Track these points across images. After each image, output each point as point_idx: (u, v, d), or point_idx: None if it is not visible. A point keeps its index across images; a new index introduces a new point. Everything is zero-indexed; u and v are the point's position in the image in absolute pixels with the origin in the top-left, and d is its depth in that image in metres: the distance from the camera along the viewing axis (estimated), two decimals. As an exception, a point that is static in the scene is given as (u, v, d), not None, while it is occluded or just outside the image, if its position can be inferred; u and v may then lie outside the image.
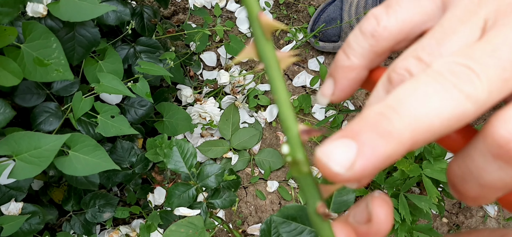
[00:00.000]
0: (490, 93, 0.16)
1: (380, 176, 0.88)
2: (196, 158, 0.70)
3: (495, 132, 0.16)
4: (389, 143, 0.16)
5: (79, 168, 0.67)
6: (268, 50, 0.18)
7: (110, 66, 0.77)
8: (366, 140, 0.16)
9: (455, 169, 0.19)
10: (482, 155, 0.17)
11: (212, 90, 1.09)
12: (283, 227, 0.62)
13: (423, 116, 0.16)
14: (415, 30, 0.23)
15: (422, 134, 0.16)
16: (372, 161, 0.16)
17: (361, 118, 0.17)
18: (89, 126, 0.75)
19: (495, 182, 0.17)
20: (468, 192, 0.19)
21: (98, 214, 0.87)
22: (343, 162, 0.16)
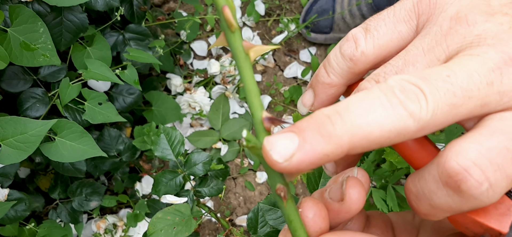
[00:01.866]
0: (434, 115, 0.17)
1: (368, 167, 0.89)
2: (184, 145, 0.70)
3: (447, 162, 0.17)
4: (328, 144, 0.17)
5: (66, 154, 0.67)
6: (234, 41, 0.19)
7: (98, 53, 0.77)
8: (308, 137, 0.17)
9: (411, 187, 0.20)
10: (434, 180, 0.18)
11: (202, 79, 1.08)
12: (269, 214, 0.63)
13: (364, 125, 0.17)
14: (391, 54, 0.24)
15: (360, 141, 0.17)
16: (309, 157, 0.17)
17: (309, 117, 0.18)
18: (76, 112, 0.74)
19: (443, 206, 0.19)
20: (420, 209, 0.20)
21: (85, 203, 0.86)
22: (283, 153, 0.17)
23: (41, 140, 0.61)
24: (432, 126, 0.18)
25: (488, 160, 0.17)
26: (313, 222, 0.21)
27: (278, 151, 0.17)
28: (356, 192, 0.21)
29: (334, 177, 0.24)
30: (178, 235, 0.71)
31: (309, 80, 1.12)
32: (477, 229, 0.20)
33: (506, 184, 0.17)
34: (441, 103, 0.17)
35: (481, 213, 0.20)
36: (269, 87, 1.12)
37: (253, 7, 1.12)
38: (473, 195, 0.17)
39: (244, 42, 0.20)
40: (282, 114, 1.11)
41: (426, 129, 0.18)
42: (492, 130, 0.18)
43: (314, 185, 0.59)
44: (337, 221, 0.22)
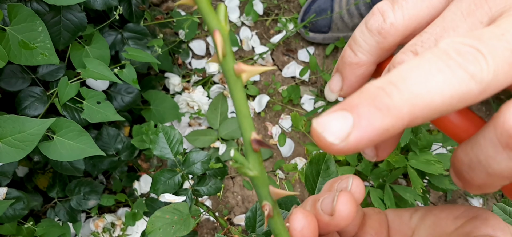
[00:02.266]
0: (495, 76, 0.16)
1: (366, 167, 0.89)
2: (183, 144, 0.70)
3: (506, 122, 0.16)
4: (386, 117, 0.16)
5: (64, 153, 0.67)
6: (225, 64, 0.19)
7: (96, 52, 0.77)
8: (363, 112, 0.16)
9: (462, 157, 0.19)
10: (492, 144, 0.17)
11: (200, 79, 1.08)
12: (268, 214, 0.63)
13: (424, 93, 0.16)
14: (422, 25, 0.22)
15: (422, 110, 0.16)
16: (367, 133, 0.16)
17: (360, 92, 0.17)
18: (74, 111, 0.74)
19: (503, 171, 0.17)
20: (474, 180, 0.19)
21: (83, 201, 0.86)
22: (338, 133, 0.16)
23: (39, 139, 0.61)
24: (494, 88, 0.17)
25: None
26: (301, 235, 0.21)
27: (332, 132, 0.16)
28: (346, 208, 0.21)
29: (330, 183, 0.24)
30: (176, 233, 0.71)
31: (307, 80, 1.13)
32: None
33: None
34: (501, 62, 0.16)
35: None
36: (267, 87, 1.13)
37: (252, 6, 1.12)
38: None
39: (235, 65, 0.20)
40: (280, 113, 1.12)
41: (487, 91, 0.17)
42: None
43: (312, 184, 0.60)
44: (327, 231, 0.22)
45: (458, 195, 1.08)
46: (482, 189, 0.19)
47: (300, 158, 1.08)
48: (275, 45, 1.13)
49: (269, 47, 1.12)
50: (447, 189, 0.85)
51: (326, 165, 0.61)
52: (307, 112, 1.10)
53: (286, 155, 1.09)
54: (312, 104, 1.11)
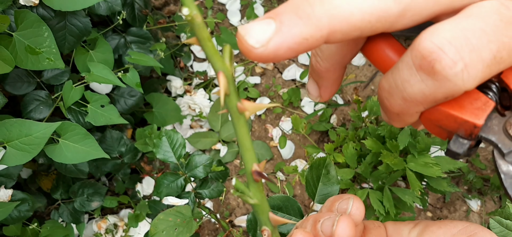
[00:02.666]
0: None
1: (365, 169, 0.90)
2: (185, 148, 0.71)
3: (420, 43, 0.16)
4: (306, 26, 0.16)
5: (69, 156, 0.68)
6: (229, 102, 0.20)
7: (100, 56, 0.78)
8: (285, 20, 0.16)
9: (384, 83, 0.19)
10: (408, 67, 0.17)
11: (202, 81, 1.09)
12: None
13: (344, 6, 0.16)
14: None
15: (341, 23, 0.17)
16: (287, 40, 0.16)
17: (286, 2, 0.17)
18: (79, 115, 0.75)
19: (416, 95, 0.18)
20: (393, 107, 0.19)
21: (87, 203, 0.87)
22: (259, 38, 0.16)
23: (45, 142, 0.63)
24: (413, 12, 0.17)
25: (463, 39, 0.16)
26: None
27: (253, 35, 0.16)
28: (345, 233, 0.21)
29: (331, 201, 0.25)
30: (179, 236, 0.72)
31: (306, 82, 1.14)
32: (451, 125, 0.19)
33: (481, 67, 0.16)
34: None
35: (456, 106, 0.19)
36: (268, 89, 1.14)
37: (253, 10, 1.13)
38: (447, 76, 0.16)
39: (239, 103, 0.20)
40: (281, 116, 1.13)
41: (407, 13, 0.17)
42: (468, 14, 0.17)
43: (313, 189, 0.61)
44: None
45: (457, 197, 1.09)
46: (401, 117, 0.19)
47: (300, 160, 1.09)
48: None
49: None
50: (445, 191, 0.86)
51: (326, 170, 0.62)
52: (308, 114, 1.11)
53: (287, 157, 1.10)
54: (313, 106, 1.12)
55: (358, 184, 1.00)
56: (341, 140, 1.00)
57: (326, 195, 0.61)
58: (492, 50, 0.16)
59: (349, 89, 1.14)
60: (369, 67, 1.17)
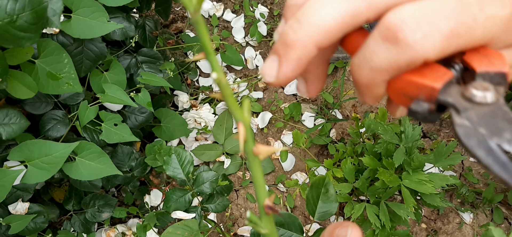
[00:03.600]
0: None
1: (363, 184, 0.95)
2: (193, 165, 0.76)
3: (386, 18, 0.19)
4: (297, 50, 0.21)
5: (85, 173, 0.72)
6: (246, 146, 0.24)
7: (114, 77, 0.82)
8: (281, 53, 0.21)
9: (355, 60, 0.21)
10: (375, 40, 0.20)
11: (207, 97, 1.14)
12: (272, 232, 0.68)
13: (318, 21, 0.20)
14: None
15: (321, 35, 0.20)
16: (289, 67, 0.21)
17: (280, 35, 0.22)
18: (93, 133, 0.80)
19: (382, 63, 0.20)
20: (362, 78, 0.21)
21: (97, 214, 0.92)
22: (271, 74, 0.22)
23: (64, 161, 0.67)
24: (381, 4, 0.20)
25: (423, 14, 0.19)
26: None
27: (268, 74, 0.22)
28: None
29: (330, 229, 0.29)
30: (187, 248, 0.76)
31: (307, 97, 1.19)
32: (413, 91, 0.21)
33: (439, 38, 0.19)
34: None
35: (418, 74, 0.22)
36: (270, 104, 1.18)
37: (256, 28, 1.18)
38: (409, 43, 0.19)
39: (254, 148, 0.24)
40: (282, 129, 1.17)
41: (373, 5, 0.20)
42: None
43: (313, 206, 0.65)
44: None
45: (450, 209, 1.14)
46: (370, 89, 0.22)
47: (301, 173, 1.14)
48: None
49: (272, 66, 1.18)
50: (439, 206, 0.91)
51: (326, 189, 0.67)
52: (308, 129, 1.16)
53: (288, 169, 1.15)
54: (313, 121, 1.17)
55: (355, 197, 1.05)
56: (340, 155, 1.05)
57: (325, 213, 0.66)
58: (449, 25, 0.19)
59: (348, 104, 1.19)
60: (368, 83, 1.21)
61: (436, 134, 1.17)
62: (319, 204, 0.65)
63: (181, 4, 1.20)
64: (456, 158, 0.90)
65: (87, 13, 0.66)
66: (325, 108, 1.17)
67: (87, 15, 0.67)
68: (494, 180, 1.15)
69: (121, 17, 0.76)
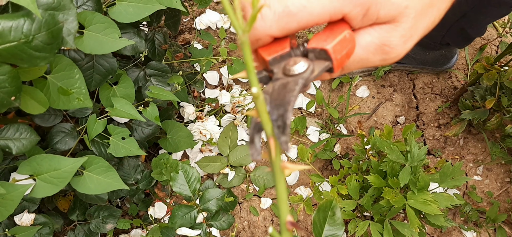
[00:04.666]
0: None
1: (367, 202, 0.95)
2: (200, 182, 0.76)
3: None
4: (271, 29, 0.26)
5: (92, 187, 0.73)
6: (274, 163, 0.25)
7: (123, 91, 0.83)
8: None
9: None
10: None
11: (213, 109, 1.14)
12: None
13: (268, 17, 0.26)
14: None
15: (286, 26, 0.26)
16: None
17: None
18: (101, 146, 0.80)
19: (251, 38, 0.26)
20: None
21: (102, 225, 0.92)
22: None
23: (72, 176, 0.67)
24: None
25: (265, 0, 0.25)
26: None
27: None
28: None
29: None
30: (192, 265, 0.77)
31: (313, 112, 1.19)
32: (261, 60, 0.27)
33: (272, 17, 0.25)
34: None
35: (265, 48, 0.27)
36: (275, 117, 1.19)
37: (263, 41, 1.18)
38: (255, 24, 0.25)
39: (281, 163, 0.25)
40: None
41: None
42: None
43: (319, 230, 0.65)
44: None
45: (453, 228, 1.14)
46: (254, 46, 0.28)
47: (305, 187, 1.14)
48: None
49: (278, 80, 1.18)
50: (443, 226, 0.91)
51: (332, 212, 0.67)
52: (313, 143, 1.16)
53: (291, 183, 1.15)
54: (317, 135, 1.17)
55: (359, 213, 1.05)
56: (344, 172, 1.05)
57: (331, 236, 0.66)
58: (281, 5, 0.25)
59: (353, 120, 1.19)
60: (373, 99, 1.22)
61: (440, 151, 1.18)
62: (326, 227, 0.65)
63: (188, 16, 1.20)
64: (461, 179, 0.90)
65: (99, 29, 0.67)
66: (330, 123, 1.18)
67: (99, 31, 0.67)
68: (498, 200, 1.15)
69: (131, 32, 0.76)
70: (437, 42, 1.09)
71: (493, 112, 1.10)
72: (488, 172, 1.18)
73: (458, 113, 1.19)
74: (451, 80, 1.23)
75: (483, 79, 1.10)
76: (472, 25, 0.99)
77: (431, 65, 1.19)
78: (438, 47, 1.13)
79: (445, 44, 1.09)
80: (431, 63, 1.19)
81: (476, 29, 1.01)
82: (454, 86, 1.22)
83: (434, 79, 1.23)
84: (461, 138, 1.20)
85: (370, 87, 1.22)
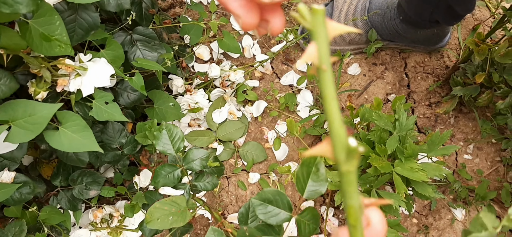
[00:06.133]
0: None
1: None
2: (184, 142, 0.75)
3: None
4: None
5: (66, 143, 0.71)
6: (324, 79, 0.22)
7: (111, 54, 0.82)
8: None
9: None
10: None
11: (202, 82, 1.13)
12: (260, 209, 0.67)
13: None
14: None
15: None
16: None
17: None
18: (85, 108, 0.79)
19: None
20: None
21: (85, 191, 0.91)
22: None
23: (47, 122, 0.66)
24: None
25: None
26: None
27: None
28: (377, 215, 0.24)
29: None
30: (173, 224, 0.75)
31: (304, 89, 1.18)
32: None
33: None
34: None
35: None
36: (266, 93, 1.18)
37: (254, 16, 1.18)
38: None
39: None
40: (277, 119, 1.17)
41: None
42: None
43: (303, 185, 0.64)
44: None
45: (442, 205, 1.13)
46: None
47: (293, 162, 1.13)
48: (275, 54, 1.18)
49: (269, 55, 1.18)
50: (430, 197, 0.90)
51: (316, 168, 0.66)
52: (302, 118, 1.15)
53: (280, 159, 1.14)
54: (308, 111, 1.16)
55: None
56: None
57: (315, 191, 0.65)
58: None
59: (344, 96, 1.18)
60: (364, 77, 1.21)
61: (431, 129, 1.17)
62: (309, 182, 0.64)
63: (179, -10, 1.20)
64: (450, 148, 0.89)
65: (81, -24, 0.66)
66: (321, 99, 1.17)
67: (81, -22, 0.66)
68: (488, 178, 1.14)
69: (116, -13, 0.76)
70: (426, 20, 1.08)
71: (484, 88, 1.09)
72: (479, 151, 1.17)
73: (450, 92, 1.18)
74: (443, 60, 1.22)
75: (474, 56, 1.09)
76: (459, 1, 0.98)
77: (423, 43, 1.19)
78: (428, 25, 1.12)
79: (434, 22, 1.09)
80: (423, 42, 1.18)
81: (463, 6, 1.00)
82: (446, 65, 1.22)
83: (426, 58, 1.22)
84: (452, 117, 1.19)
85: (361, 65, 1.21)
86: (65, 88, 0.76)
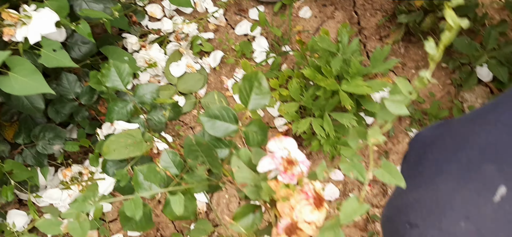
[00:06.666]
0: None
1: (307, 100, 0.98)
2: (132, 76, 0.78)
3: None
4: None
5: (17, 87, 0.74)
6: None
7: (55, 4, 0.84)
8: None
9: None
10: None
11: (157, 37, 1.16)
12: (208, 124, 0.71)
13: None
14: None
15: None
16: None
17: None
18: (34, 56, 0.81)
19: None
20: None
21: (48, 146, 0.93)
22: None
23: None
24: None
25: None
26: None
27: None
28: None
29: None
30: (130, 154, 0.79)
31: (258, 36, 1.22)
32: None
33: None
34: None
35: None
36: (221, 43, 1.21)
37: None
38: None
39: None
40: (235, 66, 1.20)
41: None
42: None
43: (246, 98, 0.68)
44: None
45: (400, 130, 1.18)
46: None
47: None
48: (226, 4, 1.22)
49: (220, 5, 1.21)
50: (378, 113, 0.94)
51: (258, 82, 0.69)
52: (257, 63, 1.19)
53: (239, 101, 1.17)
54: (264, 56, 1.20)
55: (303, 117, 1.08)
56: (286, 77, 1.08)
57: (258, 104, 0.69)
58: None
59: (295, 38, 1.22)
60: (315, 18, 1.25)
61: (382, 59, 1.22)
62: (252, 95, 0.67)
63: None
64: (392, 62, 0.94)
65: None
66: (276, 44, 1.21)
67: None
68: (441, 100, 1.19)
69: None
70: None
71: (428, 13, 1.14)
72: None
73: (397, 23, 1.23)
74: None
75: (415, -18, 1.14)
76: None
77: (368, -21, 1.23)
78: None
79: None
80: (368, -22, 1.23)
81: None
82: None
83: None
84: (402, 47, 1.24)
85: (312, 8, 1.25)
86: (12, 38, 0.78)
